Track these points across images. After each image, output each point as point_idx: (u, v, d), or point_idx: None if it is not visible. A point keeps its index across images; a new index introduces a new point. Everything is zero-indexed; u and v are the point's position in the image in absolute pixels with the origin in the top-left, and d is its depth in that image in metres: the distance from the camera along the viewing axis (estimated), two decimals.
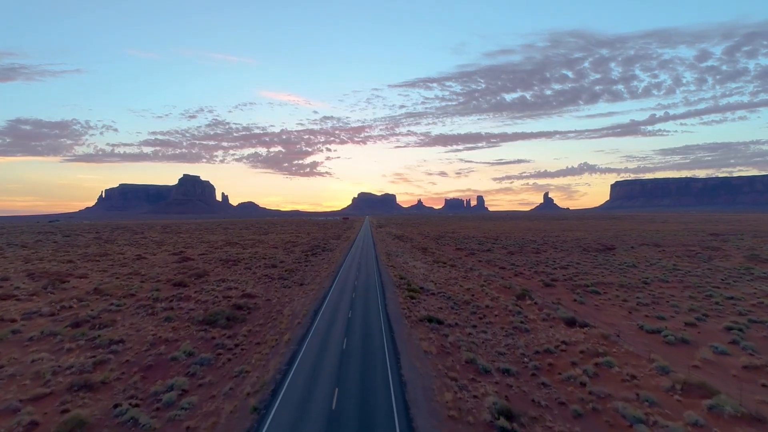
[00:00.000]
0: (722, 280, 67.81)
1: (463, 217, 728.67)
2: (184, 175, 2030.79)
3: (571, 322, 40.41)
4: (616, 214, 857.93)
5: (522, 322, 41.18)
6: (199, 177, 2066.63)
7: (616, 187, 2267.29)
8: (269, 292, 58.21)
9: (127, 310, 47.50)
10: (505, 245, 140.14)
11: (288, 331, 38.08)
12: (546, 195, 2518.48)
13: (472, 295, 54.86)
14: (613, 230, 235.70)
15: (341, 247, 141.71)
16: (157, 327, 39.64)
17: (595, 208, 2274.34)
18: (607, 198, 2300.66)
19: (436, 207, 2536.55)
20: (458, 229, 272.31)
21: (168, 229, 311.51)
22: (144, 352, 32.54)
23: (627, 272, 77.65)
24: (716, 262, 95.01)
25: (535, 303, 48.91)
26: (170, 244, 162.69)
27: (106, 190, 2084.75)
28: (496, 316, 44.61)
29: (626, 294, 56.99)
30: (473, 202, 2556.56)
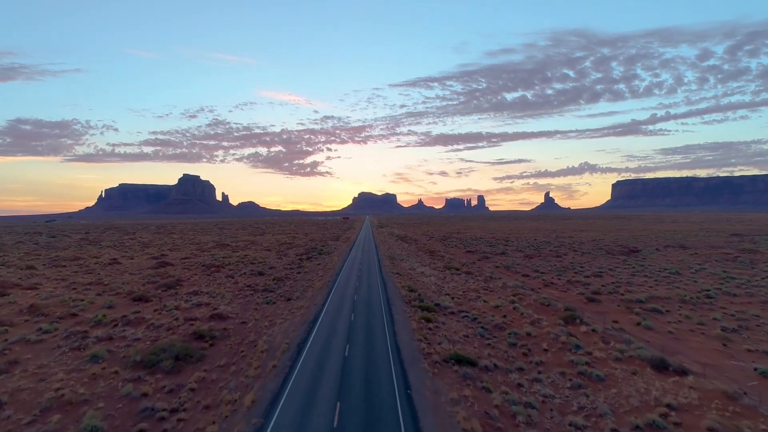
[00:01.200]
0: None
1: (465, 217, 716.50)
2: (183, 174, 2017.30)
3: (659, 365, 28.57)
4: (620, 213, 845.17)
5: (588, 364, 29.34)
6: (199, 177, 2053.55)
7: (617, 186, 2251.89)
8: (247, 311, 46.36)
9: (51, 341, 35.67)
10: (519, 247, 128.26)
11: (257, 381, 26.25)
12: (547, 194, 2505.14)
13: (504, 316, 43.00)
14: (627, 231, 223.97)
15: (340, 249, 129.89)
16: (72, 374, 27.82)
17: (596, 207, 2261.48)
18: (608, 198, 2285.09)
19: (437, 207, 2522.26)
20: (463, 230, 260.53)
21: (162, 230, 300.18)
22: (20, 429, 20.75)
23: (675, 281, 65.78)
24: (764, 267, 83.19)
25: (593, 330, 37.02)
26: (156, 246, 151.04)
27: (105, 190, 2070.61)
28: (545, 351, 32.77)
29: (697, 314, 45.12)
30: (474, 202, 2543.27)
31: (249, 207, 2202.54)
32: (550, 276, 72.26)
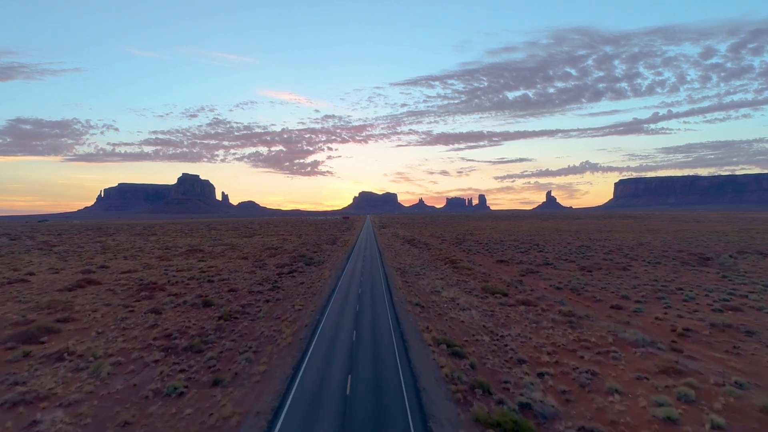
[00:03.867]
0: None
1: (469, 216, 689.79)
2: (183, 174, 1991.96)
3: None
4: (633, 212, 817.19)
5: None
6: (198, 176, 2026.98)
7: (620, 185, 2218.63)
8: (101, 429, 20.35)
9: None
10: (560, 254, 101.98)
11: None
12: (549, 194, 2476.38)
13: None
14: (663, 232, 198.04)
15: (335, 257, 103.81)
16: None
17: (599, 206, 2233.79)
18: (610, 197, 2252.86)
19: (438, 206, 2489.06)
20: (474, 230, 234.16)
21: (146, 230, 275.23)
22: None
23: None
24: None
25: None
26: (115, 251, 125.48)
27: (105, 190, 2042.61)
28: None
29: None
30: (475, 201, 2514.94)
31: (249, 206, 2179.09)
32: (657, 308, 46.06)
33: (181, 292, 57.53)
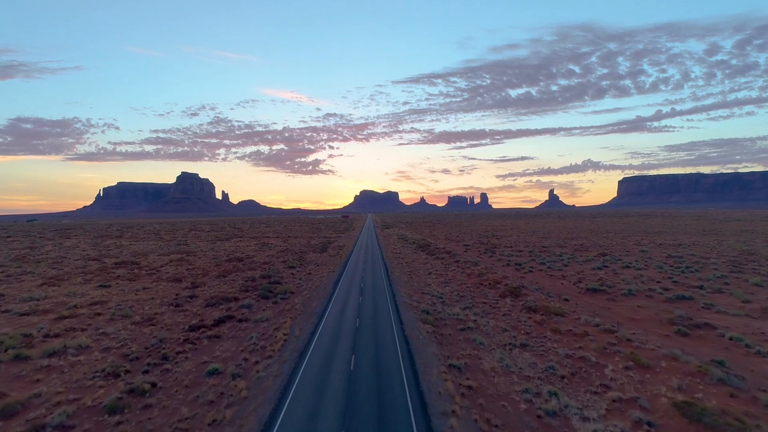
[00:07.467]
0: None
1: (474, 215, 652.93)
2: (182, 172, 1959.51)
3: None
4: (648, 210, 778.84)
5: None
6: (197, 175, 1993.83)
7: (623, 183, 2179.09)
8: None
9: None
10: (668, 273, 65.44)
11: None
12: (551, 192, 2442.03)
13: None
14: (732, 233, 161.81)
15: (318, 278, 67.01)
16: None
17: (602, 205, 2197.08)
18: (612, 195, 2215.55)
19: (439, 205, 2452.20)
20: (494, 231, 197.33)
21: (116, 232, 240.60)
22: None
23: None
24: None
25: None
26: (18, 263, 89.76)
27: (104, 189, 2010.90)
28: None
29: None
30: (477, 200, 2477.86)
31: (249, 205, 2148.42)
32: None
33: None
